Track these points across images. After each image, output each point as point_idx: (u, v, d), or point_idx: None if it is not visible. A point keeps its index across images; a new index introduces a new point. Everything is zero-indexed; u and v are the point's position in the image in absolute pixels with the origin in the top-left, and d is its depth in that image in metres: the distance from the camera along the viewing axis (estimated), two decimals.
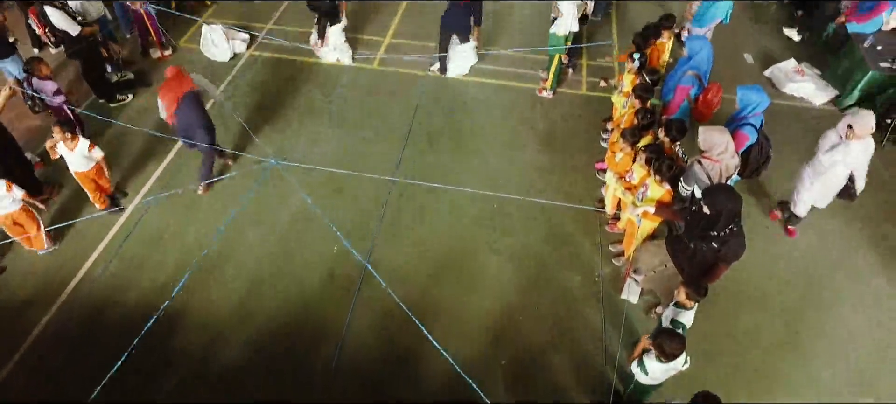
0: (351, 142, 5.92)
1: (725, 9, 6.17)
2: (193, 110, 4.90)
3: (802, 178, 4.77)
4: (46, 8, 5.47)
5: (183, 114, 4.87)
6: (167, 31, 7.01)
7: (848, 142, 4.28)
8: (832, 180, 4.55)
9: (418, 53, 7.08)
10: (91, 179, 4.90)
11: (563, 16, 5.88)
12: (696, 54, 5.14)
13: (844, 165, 4.41)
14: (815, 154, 4.60)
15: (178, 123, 4.95)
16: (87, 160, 4.75)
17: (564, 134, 6.10)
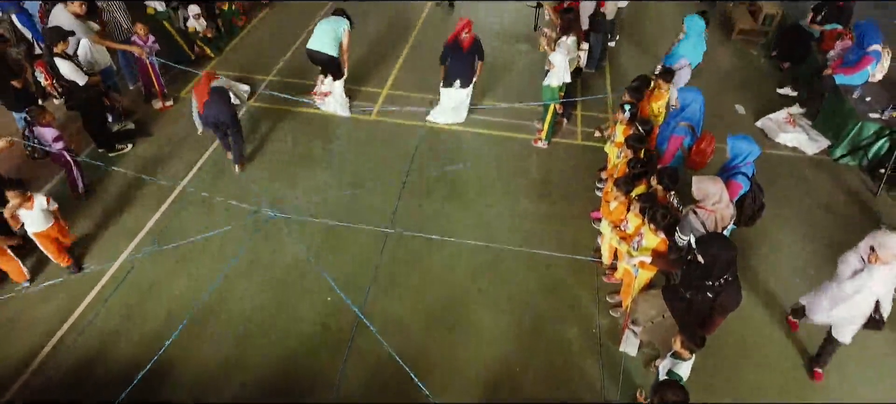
0: (347, 192, 5.94)
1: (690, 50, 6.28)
2: (221, 101, 5.64)
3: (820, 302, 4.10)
4: (57, 60, 5.58)
5: (212, 104, 5.59)
6: (170, 82, 7.17)
7: (872, 266, 3.71)
8: (854, 310, 3.87)
9: (416, 105, 7.21)
10: (52, 239, 4.75)
11: (555, 68, 6.03)
12: (689, 105, 5.23)
13: (870, 293, 3.78)
14: (834, 279, 3.96)
15: (208, 112, 5.62)
16: (46, 216, 4.62)
17: (560, 183, 6.13)
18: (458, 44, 6.36)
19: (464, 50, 6.37)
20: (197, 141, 6.53)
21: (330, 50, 6.45)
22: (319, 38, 6.45)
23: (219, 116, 5.65)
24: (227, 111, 5.68)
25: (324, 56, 6.47)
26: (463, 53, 6.39)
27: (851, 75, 6.55)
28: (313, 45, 6.47)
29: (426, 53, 8.38)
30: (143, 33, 6.36)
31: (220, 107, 5.63)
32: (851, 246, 3.92)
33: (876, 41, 6.44)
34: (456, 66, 6.47)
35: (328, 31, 6.44)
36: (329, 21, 6.54)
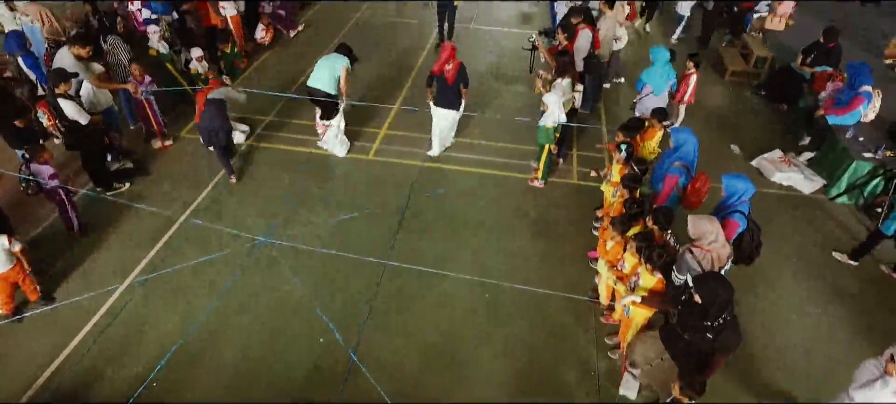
0: (343, 230, 5.92)
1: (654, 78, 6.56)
2: (216, 112, 6.02)
3: None
4: (60, 100, 5.65)
5: (206, 114, 5.98)
6: (170, 123, 7.26)
7: (888, 377, 3.42)
8: None
9: (413, 146, 7.27)
10: (11, 283, 4.61)
11: (550, 109, 6.10)
12: (682, 145, 5.26)
13: None
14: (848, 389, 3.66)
15: (202, 121, 6.02)
16: (7, 257, 4.53)
17: (556, 223, 6.12)
18: (444, 76, 6.51)
19: (449, 83, 6.54)
20: (195, 179, 6.57)
21: (327, 87, 6.56)
22: (318, 75, 6.58)
23: (211, 125, 6.00)
24: (220, 123, 6.02)
25: (321, 93, 6.58)
26: (448, 85, 6.56)
27: (844, 116, 6.63)
28: (312, 82, 6.61)
29: (423, 96, 8.49)
30: (138, 74, 6.48)
31: (213, 118, 5.99)
32: (850, 285, 3.87)
33: (867, 82, 6.55)
34: (443, 94, 6.66)
35: (326, 69, 6.56)
36: (328, 58, 6.66)
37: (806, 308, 5.19)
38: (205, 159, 6.92)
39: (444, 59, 6.43)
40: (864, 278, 5.56)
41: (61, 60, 5.92)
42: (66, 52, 5.97)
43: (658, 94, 6.63)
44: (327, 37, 10.11)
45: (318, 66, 6.62)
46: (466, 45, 10.09)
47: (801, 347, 4.85)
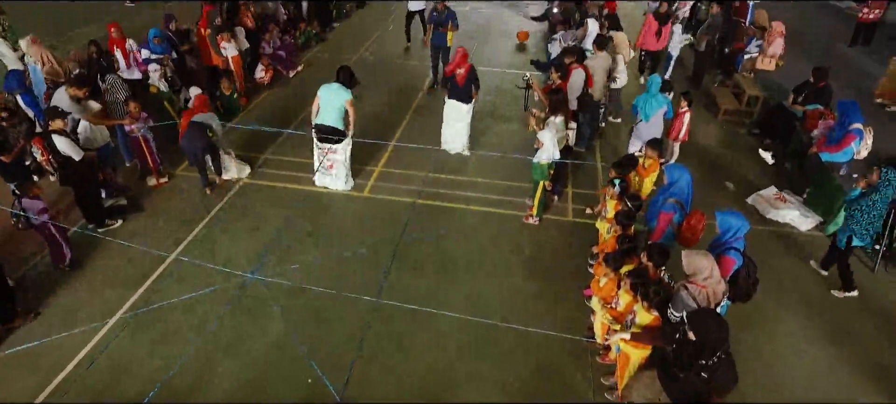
0: (335, 266, 5.86)
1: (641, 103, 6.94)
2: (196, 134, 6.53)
3: None
4: (54, 136, 5.69)
5: (187, 136, 6.56)
6: (165, 160, 7.29)
7: None
8: None
9: (409, 183, 7.28)
10: None
11: (544, 146, 6.13)
12: (676, 182, 5.26)
13: None
14: None
15: (184, 141, 6.60)
16: None
17: (552, 260, 6.05)
18: (455, 78, 7.39)
19: (460, 85, 7.40)
20: (188, 216, 6.55)
21: (337, 123, 6.66)
22: (327, 112, 6.64)
23: (191, 146, 6.59)
24: (199, 144, 6.58)
25: (331, 128, 6.67)
26: (459, 86, 7.42)
27: (836, 153, 6.65)
28: (322, 120, 6.67)
29: (420, 134, 8.58)
30: (135, 111, 6.55)
31: (193, 139, 6.55)
32: (850, 322, 3.78)
33: (857, 119, 6.59)
34: (454, 90, 7.54)
35: (333, 104, 6.62)
36: (332, 92, 6.65)
37: (805, 346, 5.07)
38: (199, 196, 6.91)
39: (455, 63, 7.27)
40: (864, 316, 5.45)
41: (59, 100, 6.03)
42: (63, 92, 6.07)
43: (647, 120, 6.87)
44: (326, 77, 10.22)
45: (323, 103, 6.67)
46: None
47: (800, 386, 4.71)
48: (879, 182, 5.21)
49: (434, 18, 9.62)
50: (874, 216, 5.23)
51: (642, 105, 6.93)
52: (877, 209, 5.21)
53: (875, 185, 5.23)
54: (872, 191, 5.25)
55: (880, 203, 5.20)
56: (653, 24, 9.73)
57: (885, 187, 5.18)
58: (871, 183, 5.29)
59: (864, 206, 5.25)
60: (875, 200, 5.21)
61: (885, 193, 5.18)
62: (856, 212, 5.31)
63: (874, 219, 5.26)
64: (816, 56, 9.76)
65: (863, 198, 5.30)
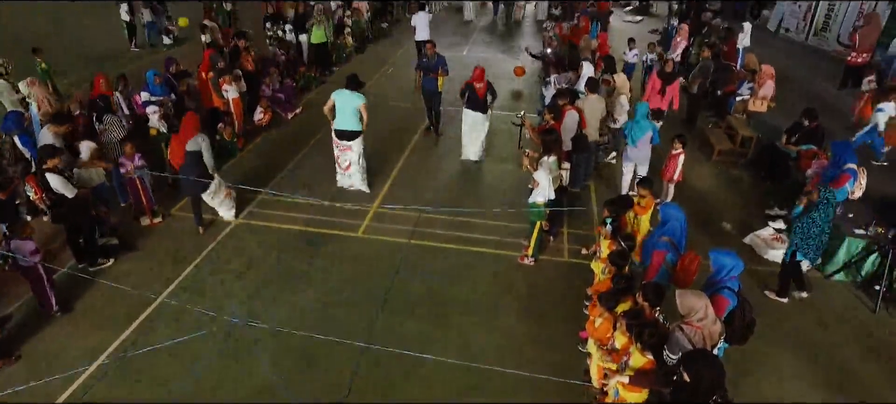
0: (326, 308, 5.76)
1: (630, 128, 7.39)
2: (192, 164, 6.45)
3: None
4: (47, 174, 5.71)
5: (184, 169, 6.49)
6: (160, 199, 7.28)
7: None
8: None
9: (403, 223, 7.25)
10: None
11: (539, 186, 6.13)
12: (669, 221, 5.24)
13: None
14: None
15: (180, 172, 6.56)
16: None
17: (547, 302, 5.95)
18: (475, 90, 8.34)
19: (479, 96, 8.39)
20: (180, 257, 6.48)
21: (355, 126, 7.48)
22: (345, 118, 7.44)
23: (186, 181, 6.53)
24: (196, 172, 6.47)
25: (350, 132, 7.48)
26: (478, 98, 8.39)
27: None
28: (340, 125, 7.49)
29: (415, 175, 8.61)
30: (129, 152, 6.58)
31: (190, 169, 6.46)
32: (853, 364, 3.67)
33: (851, 160, 6.61)
34: (472, 101, 8.48)
35: (350, 110, 7.39)
36: (346, 98, 7.39)
37: (808, 391, 4.92)
38: (192, 236, 6.87)
39: (475, 77, 8.31)
40: (868, 358, 5.32)
41: (43, 138, 6.15)
42: (46, 131, 6.21)
43: (634, 144, 7.33)
44: (320, 122, 10.35)
45: (339, 109, 7.41)
46: (458, 127, 10.33)
47: None
48: (819, 200, 5.48)
49: (424, 64, 9.56)
50: (815, 232, 5.51)
51: (629, 131, 7.43)
52: (817, 225, 5.49)
53: (815, 203, 5.50)
54: (812, 208, 5.51)
55: (820, 220, 5.47)
56: (656, 82, 9.52)
57: (825, 206, 5.45)
58: (811, 201, 5.57)
59: (806, 223, 5.54)
60: (815, 217, 5.47)
61: (825, 211, 5.45)
62: (798, 228, 5.62)
63: (815, 236, 5.52)
64: (807, 98, 9.90)
65: (804, 215, 5.59)
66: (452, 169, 8.87)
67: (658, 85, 9.46)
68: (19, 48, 11.13)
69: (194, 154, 6.44)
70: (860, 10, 13.45)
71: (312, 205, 7.52)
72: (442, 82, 9.57)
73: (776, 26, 16.93)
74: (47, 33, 15.89)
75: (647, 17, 19.85)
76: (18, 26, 16.77)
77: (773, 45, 15.40)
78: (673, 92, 9.40)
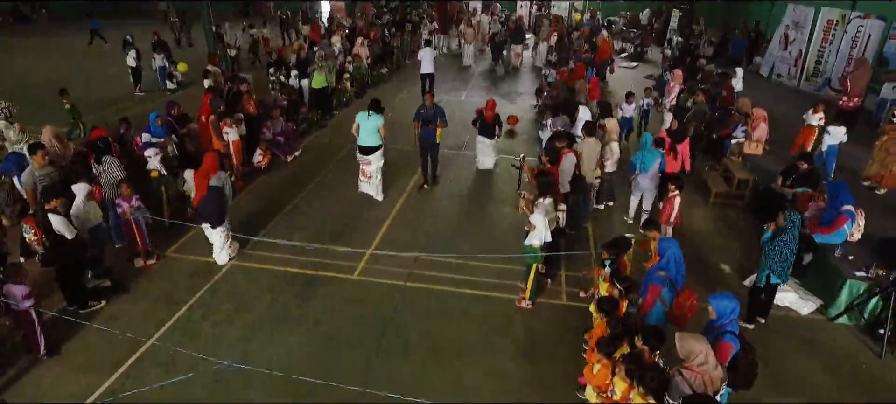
0: (320, 352, 5.64)
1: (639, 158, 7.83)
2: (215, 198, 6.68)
3: None
4: (50, 215, 5.69)
5: (205, 201, 6.66)
6: (156, 241, 7.25)
7: None
8: None
9: (400, 265, 7.19)
10: None
11: (536, 229, 6.10)
12: (664, 254, 5.21)
13: None
14: None
15: (199, 206, 6.72)
16: None
17: (545, 346, 5.84)
18: (484, 117, 9.71)
19: (488, 121, 9.71)
20: (173, 299, 6.40)
21: (375, 142, 8.58)
22: (366, 135, 8.55)
23: (208, 209, 6.72)
24: (216, 206, 6.73)
25: (370, 147, 8.60)
26: (487, 123, 9.74)
27: (830, 234, 6.61)
28: (363, 141, 8.61)
29: (412, 217, 8.61)
30: (127, 194, 6.60)
31: (211, 202, 6.68)
32: None
33: (848, 201, 6.62)
34: (483, 128, 9.90)
35: (371, 129, 8.51)
36: (367, 119, 8.50)
37: None
38: (186, 278, 6.81)
39: (487, 107, 9.72)
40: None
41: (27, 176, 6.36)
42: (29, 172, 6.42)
43: (646, 171, 7.72)
44: (319, 164, 10.48)
45: (363, 129, 8.52)
46: (456, 170, 10.42)
47: None
48: (785, 224, 5.68)
49: (422, 115, 9.25)
50: (786, 255, 5.71)
51: (640, 160, 7.81)
52: (788, 248, 5.70)
53: (782, 227, 5.70)
54: (781, 232, 5.70)
55: (791, 243, 5.68)
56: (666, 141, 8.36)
57: (791, 228, 5.66)
58: (779, 225, 5.77)
59: (777, 246, 5.71)
60: (785, 240, 5.67)
61: (792, 233, 5.66)
62: (769, 251, 5.81)
63: (786, 258, 5.73)
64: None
65: (773, 239, 5.78)
66: (450, 211, 8.87)
67: (668, 144, 8.47)
68: (30, 93, 11.36)
69: (216, 189, 6.70)
70: (849, 55, 13.77)
71: (307, 247, 7.48)
72: (440, 134, 9.35)
73: (768, 72, 17.29)
74: (57, 77, 16.24)
75: (641, 63, 20.29)
76: (32, 72, 17.13)
77: (767, 89, 15.69)
78: (684, 152, 8.47)
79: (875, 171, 8.91)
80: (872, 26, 13.37)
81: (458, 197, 9.30)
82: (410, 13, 24.08)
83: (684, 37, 19.42)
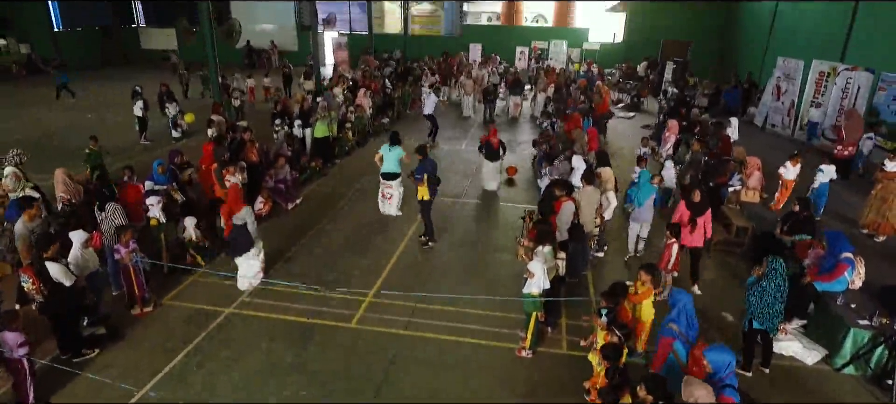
0: (317, 401, 5.51)
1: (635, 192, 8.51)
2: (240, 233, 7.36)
3: None
4: (47, 263, 5.71)
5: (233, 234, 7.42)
6: (154, 288, 7.23)
7: None
8: None
9: (399, 314, 7.13)
10: None
11: (535, 277, 6.09)
12: (675, 305, 5.18)
13: None
14: None
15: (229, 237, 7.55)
16: None
17: (546, 396, 5.73)
18: (491, 143, 11.39)
19: (494, 148, 11.41)
20: (168, 348, 6.32)
21: (396, 169, 9.99)
22: (390, 163, 9.89)
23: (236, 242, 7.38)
24: (243, 240, 7.37)
25: (392, 174, 9.98)
26: (493, 149, 11.42)
27: (830, 282, 6.58)
28: (386, 169, 9.93)
29: (412, 264, 8.59)
30: (125, 239, 6.63)
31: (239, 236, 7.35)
32: None
33: (846, 249, 6.62)
34: (488, 151, 11.46)
35: (393, 159, 9.89)
36: (389, 150, 9.88)
37: None
38: (182, 326, 6.74)
39: (491, 135, 11.54)
40: None
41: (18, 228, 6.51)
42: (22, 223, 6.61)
43: (641, 205, 8.28)
44: (320, 213, 10.53)
45: (386, 159, 9.84)
46: (456, 218, 10.46)
47: None
48: (767, 270, 5.71)
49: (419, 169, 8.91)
50: (766, 301, 5.70)
51: (635, 194, 8.46)
52: (768, 294, 5.68)
53: (765, 273, 5.74)
54: (762, 278, 5.75)
55: (770, 289, 5.68)
56: (684, 214, 7.45)
57: (773, 275, 5.68)
58: (763, 271, 5.81)
59: (757, 292, 5.74)
60: (765, 287, 5.69)
61: (773, 280, 5.67)
62: (751, 297, 5.83)
63: (766, 305, 5.71)
64: (798, 188, 10.09)
65: (755, 285, 5.81)
66: (449, 258, 8.86)
67: (686, 217, 7.47)
68: (39, 142, 11.54)
69: (239, 228, 7.34)
70: (840, 106, 14.06)
71: (305, 294, 7.44)
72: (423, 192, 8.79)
73: (762, 122, 17.60)
74: (65, 127, 16.59)
75: (638, 113, 20.70)
76: (43, 120, 17.49)
77: (761, 139, 15.91)
78: (706, 221, 7.55)
79: (872, 219, 8.94)
80: (861, 78, 13.72)
81: (457, 244, 9.30)
82: (412, 66, 24.77)
83: (679, 88, 19.88)
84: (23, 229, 6.44)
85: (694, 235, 7.47)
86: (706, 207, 7.59)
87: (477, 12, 32.51)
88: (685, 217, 7.46)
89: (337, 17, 32.23)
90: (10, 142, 12.76)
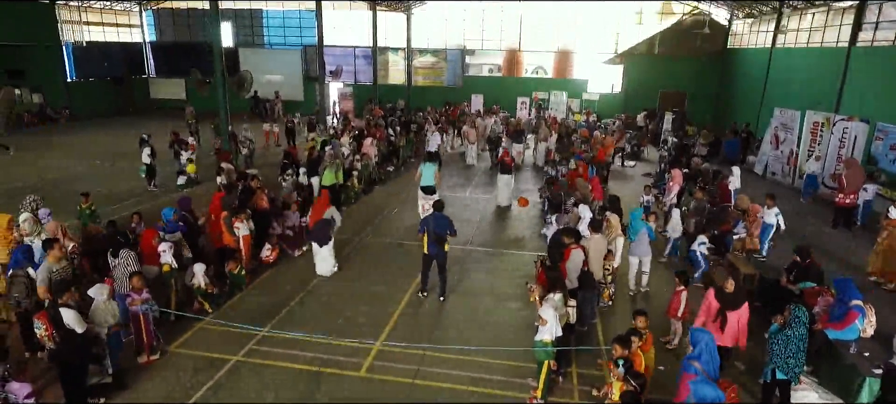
0: None
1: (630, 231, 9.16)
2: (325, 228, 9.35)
3: None
4: (61, 309, 5.70)
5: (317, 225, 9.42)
6: (163, 335, 7.19)
7: None
8: None
9: (408, 362, 7.07)
10: None
11: (547, 323, 6.08)
12: (697, 343, 5.17)
13: None
14: None
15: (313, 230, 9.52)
16: None
17: None
18: (505, 162, 14.38)
19: (509, 165, 14.31)
20: (173, 397, 6.26)
21: (433, 182, 12.23)
22: (427, 178, 12.27)
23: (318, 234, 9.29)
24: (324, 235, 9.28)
25: (431, 187, 12.16)
26: (508, 166, 14.30)
27: (842, 330, 6.55)
28: (424, 183, 12.27)
29: (420, 312, 8.56)
30: (137, 286, 6.65)
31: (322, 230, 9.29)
32: None
33: (855, 296, 6.63)
34: (503, 167, 14.39)
35: (430, 174, 12.24)
36: (427, 167, 12.36)
37: None
38: (188, 375, 6.67)
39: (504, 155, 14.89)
40: None
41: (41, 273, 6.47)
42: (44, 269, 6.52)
43: (634, 238, 8.92)
44: None
45: (424, 174, 12.29)
46: (464, 267, 10.45)
47: None
48: (791, 318, 5.73)
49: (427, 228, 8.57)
50: (790, 350, 5.71)
51: (631, 230, 9.17)
52: (792, 343, 5.70)
53: (788, 321, 5.76)
54: (786, 326, 5.78)
55: (794, 337, 5.69)
56: (712, 306, 6.28)
57: (796, 323, 5.70)
58: (785, 318, 5.83)
59: (782, 341, 5.73)
60: (789, 335, 5.71)
61: (797, 329, 5.70)
62: (774, 346, 5.81)
63: (791, 354, 5.71)
64: (801, 237, 10.15)
65: (779, 334, 5.80)
66: (458, 306, 8.82)
67: (714, 309, 6.27)
68: (57, 189, 11.68)
69: (326, 221, 9.40)
70: (838, 155, 14.30)
71: (313, 342, 7.38)
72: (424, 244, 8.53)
73: (762, 170, 17.85)
74: (76, 175, 16.81)
75: (639, 162, 20.99)
76: (54, 167, 17.75)
77: (763, 187, 16.09)
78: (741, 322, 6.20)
79: (880, 268, 8.96)
80: (857, 128, 14.03)
81: (465, 293, 9.28)
82: (415, 115, 25.30)
83: (678, 137, 20.26)
84: (45, 272, 6.44)
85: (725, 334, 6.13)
86: (742, 301, 6.15)
87: (479, 64, 33.43)
88: (712, 308, 6.17)
89: (343, 68, 33.14)
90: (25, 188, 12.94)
